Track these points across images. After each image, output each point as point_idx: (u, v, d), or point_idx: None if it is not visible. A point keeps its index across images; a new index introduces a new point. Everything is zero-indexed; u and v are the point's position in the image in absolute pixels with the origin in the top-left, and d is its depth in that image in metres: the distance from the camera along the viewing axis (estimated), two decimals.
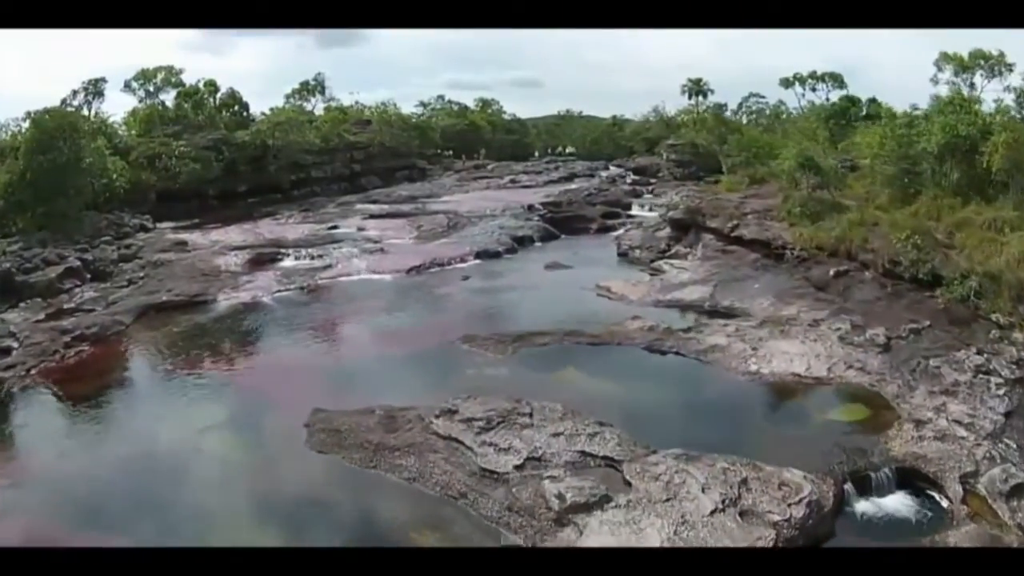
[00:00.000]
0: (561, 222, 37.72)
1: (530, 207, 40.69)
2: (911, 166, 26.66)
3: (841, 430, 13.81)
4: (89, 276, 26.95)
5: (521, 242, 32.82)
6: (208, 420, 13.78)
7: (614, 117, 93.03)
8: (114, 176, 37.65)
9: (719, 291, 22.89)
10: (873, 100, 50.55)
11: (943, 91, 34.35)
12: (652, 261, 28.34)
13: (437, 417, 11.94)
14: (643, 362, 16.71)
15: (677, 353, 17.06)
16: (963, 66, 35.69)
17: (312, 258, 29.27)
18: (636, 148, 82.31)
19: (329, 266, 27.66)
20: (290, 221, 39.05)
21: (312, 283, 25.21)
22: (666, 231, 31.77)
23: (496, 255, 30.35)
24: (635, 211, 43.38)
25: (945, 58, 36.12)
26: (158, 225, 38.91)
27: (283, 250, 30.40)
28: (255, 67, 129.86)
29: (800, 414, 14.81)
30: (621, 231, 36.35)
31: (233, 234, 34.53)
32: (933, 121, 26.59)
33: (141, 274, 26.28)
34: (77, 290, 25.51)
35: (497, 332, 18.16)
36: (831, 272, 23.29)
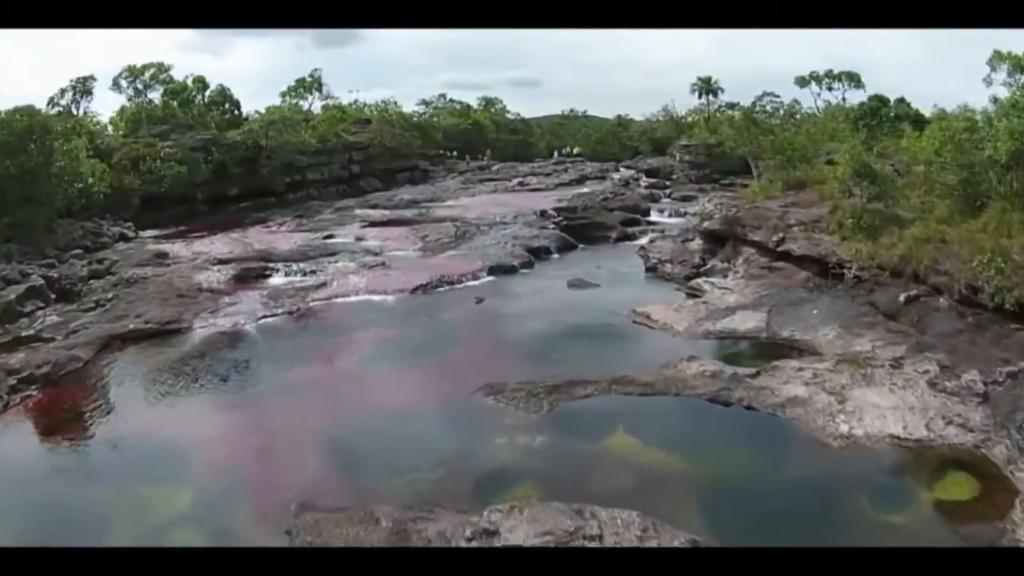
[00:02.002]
0: (577, 230, 34.62)
1: (543, 213, 37.63)
2: (971, 175, 23.69)
3: (957, 513, 11.09)
4: (54, 296, 23.83)
5: (537, 254, 29.67)
6: (164, 512, 10.62)
7: (619, 117, 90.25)
8: (91, 180, 34.61)
9: (775, 318, 19.80)
10: (901, 100, 47.71)
11: (1001, 93, 31.33)
12: (688, 279, 25.23)
13: (470, 540, 8.80)
14: (710, 420, 13.63)
15: (749, 407, 13.98)
16: (1020, 66, 32.62)
17: (304, 274, 25.99)
18: (642, 148, 79.63)
19: (323, 284, 24.37)
20: (282, 229, 35.83)
21: (303, 306, 21.93)
22: (697, 242, 28.70)
23: (511, 270, 27.16)
24: (655, 217, 40.44)
25: (999, 57, 33.06)
26: (140, 233, 35.93)
27: (272, 264, 27.13)
28: (253, 68, 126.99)
29: (907, 492, 11.87)
30: (644, 241, 33.24)
31: (219, 244, 31.37)
32: (997, 126, 23.68)
33: (110, 295, 23.10)
34: (39, 313, 22.38)
35: (526, 379, 14.96)
36: (901, 298, 20.19)
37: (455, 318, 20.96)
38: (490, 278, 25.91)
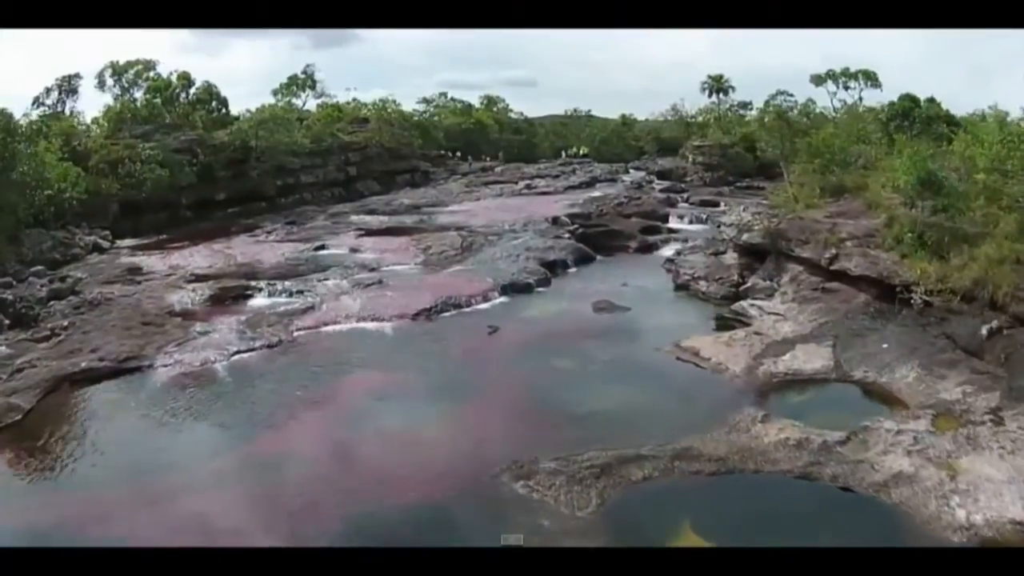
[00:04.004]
0: (594, 239, 31.69)
1: (555, 220, 34.51)
2: None
3: None
4: (7, 322, 20.74)
5: (552, 267, 26.61)
6: None
7: (623, 116, 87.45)
8: (62, 186, 31.65)
9: (842, 354, 16.88)
10: (931, 100, 44.69)
11: None
12: (726, 299, 22.31)
13: None
14: (801, 508, 10.58)
15: (846, 489, 11.03)
16: None
17: (290, 295, 22.69)
18: (647, 148, 76.78)
19: (311, 308, 21.12)
20: (270, 238, 32.69)
21: (286, 337, 18.71)
22: (732, 256, 25.73)
23: (526, 288, 24.02)
24: (674, 224, 37.57)
25: None
26: (118, 242, 32.99)
27: (255, 283, 23.83)
28: (250, 69, 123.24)
29: None
30: (668, 251, 30.38)
31: (199, 257, 28.27)
32: None
33: (65, 323, 19.95)
34: None
35: (562, 449, 11.79)
36: (983, 331, 17.23)
37: (466, 354, 17.73)
38: (503, 299, 22.78)
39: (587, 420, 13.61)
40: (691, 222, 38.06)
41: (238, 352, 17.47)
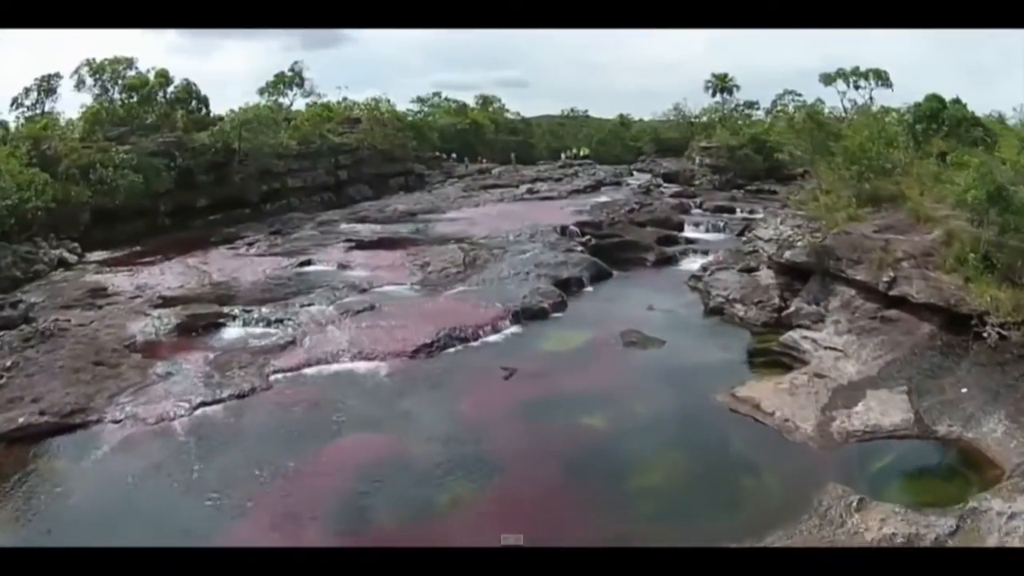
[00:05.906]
0: (608, 251, 29.09)
1: (563, 230, 31.81)
2: None
3: None
4: None
5: (567, 286, 23.83)
6: None
7: (621, 116, 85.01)
8: (26, 195, 28.82)
9: (919, 402, 14.25)
10: (957, 101, 42.27)
11: None
12: (770, 327, 19.69)
13: None
14: None
15: None
16: None
17: (268, 324, 19.74)
18: (645, 149, 74.16)
19: (291, 343, 18.12)
20: (251, 251, 29.72)
21: (259, 383, 15.67)
22: (767, 274, 23.06)
23: (540, 314, 21.13)
24: (690, 233, 35.01)
25: None
26: (87, 255, 30.29)
27: (228, 308, 20.79)
28: (241, 70, 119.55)
29: None
30: (690, 264, 27.79)
31: (170, 274, 25.36)
32: None
33: (9, 361, 16.98)
34: None
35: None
36: None
37: (477, 409, 14.69)
38: (514, 328, 19.93)
39: (637, 505, 10.91)
40: (708, 231, 35.49)
41: (202, 404, 14.51)
